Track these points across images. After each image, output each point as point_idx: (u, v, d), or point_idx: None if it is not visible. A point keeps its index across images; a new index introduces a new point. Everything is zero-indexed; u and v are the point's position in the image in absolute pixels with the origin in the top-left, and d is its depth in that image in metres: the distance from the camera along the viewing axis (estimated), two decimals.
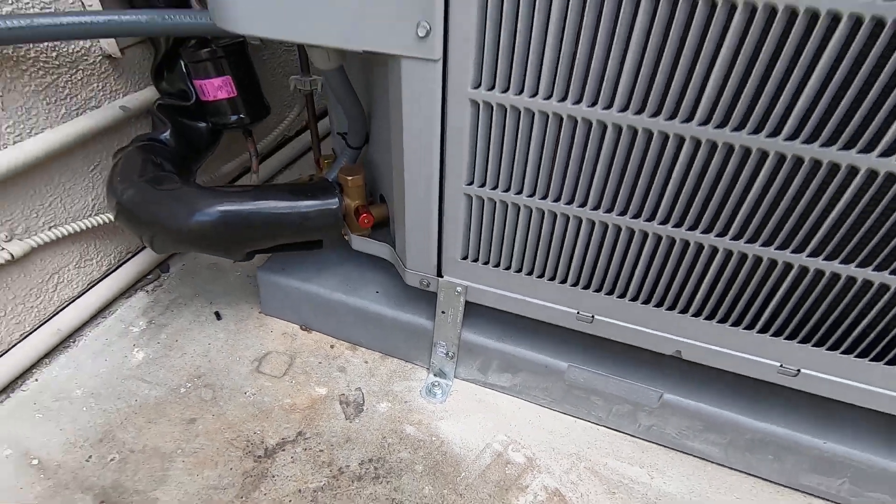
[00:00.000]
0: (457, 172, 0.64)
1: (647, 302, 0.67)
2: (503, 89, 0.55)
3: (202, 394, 0.83)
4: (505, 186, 0.63)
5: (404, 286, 0.84)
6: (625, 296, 0.68)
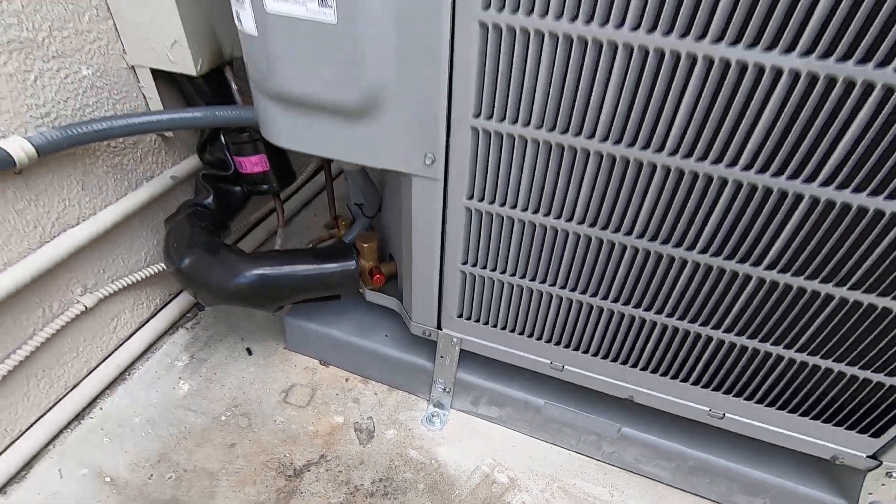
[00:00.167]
0: (454, 255, 0.80)
1: (606, 357, 0.84)
2: (490, 202, 0.72)
3: (239, 422, 1.00)
4: (492, 266, 0.80)
5: (409, 333, 1.01)
6: (588, 352, 0.84)
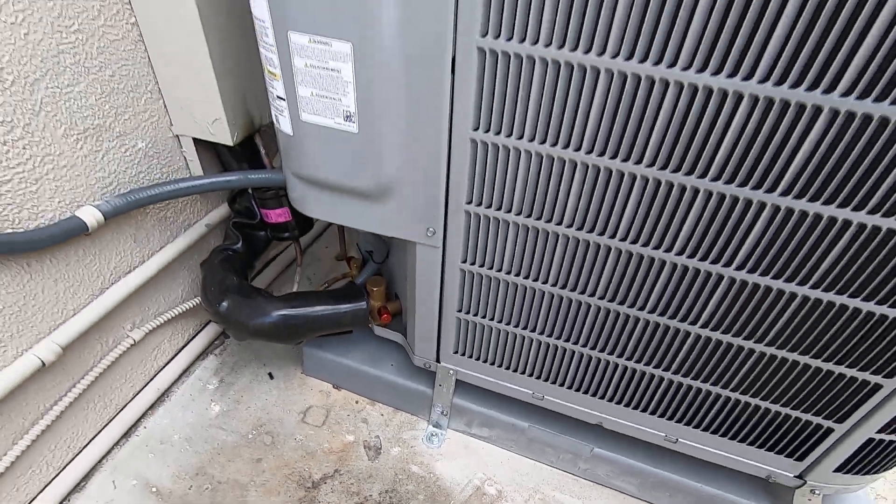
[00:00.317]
0: (451, 304, 0.95)
1: (578, 389, 0.99)
2: (480, 265, 0.87)
3: (264, 439, 1.15)
4: (483, 314, 0.95)
5: (412, 364, 1.16)
6: (563, 384, 1.00)
